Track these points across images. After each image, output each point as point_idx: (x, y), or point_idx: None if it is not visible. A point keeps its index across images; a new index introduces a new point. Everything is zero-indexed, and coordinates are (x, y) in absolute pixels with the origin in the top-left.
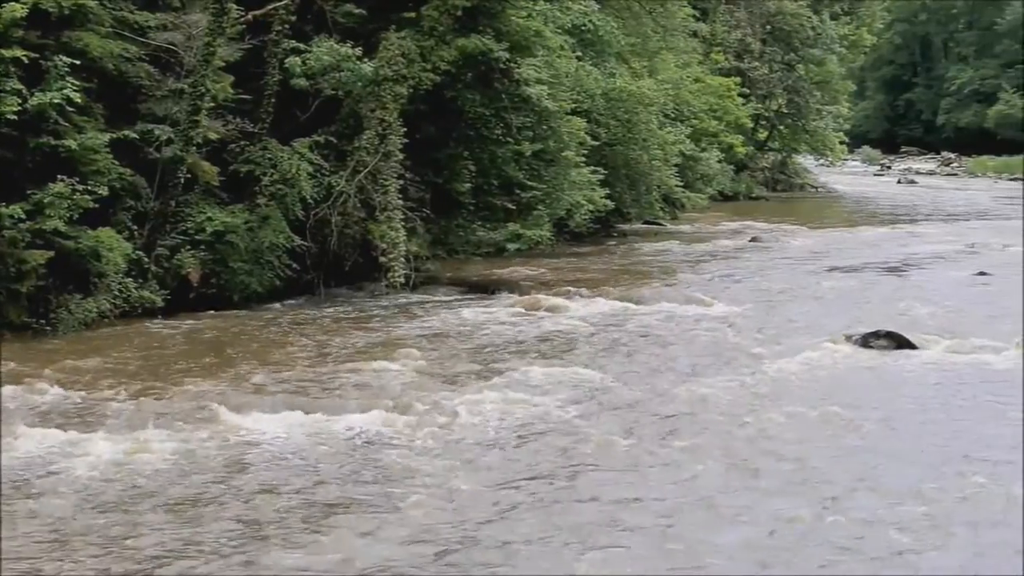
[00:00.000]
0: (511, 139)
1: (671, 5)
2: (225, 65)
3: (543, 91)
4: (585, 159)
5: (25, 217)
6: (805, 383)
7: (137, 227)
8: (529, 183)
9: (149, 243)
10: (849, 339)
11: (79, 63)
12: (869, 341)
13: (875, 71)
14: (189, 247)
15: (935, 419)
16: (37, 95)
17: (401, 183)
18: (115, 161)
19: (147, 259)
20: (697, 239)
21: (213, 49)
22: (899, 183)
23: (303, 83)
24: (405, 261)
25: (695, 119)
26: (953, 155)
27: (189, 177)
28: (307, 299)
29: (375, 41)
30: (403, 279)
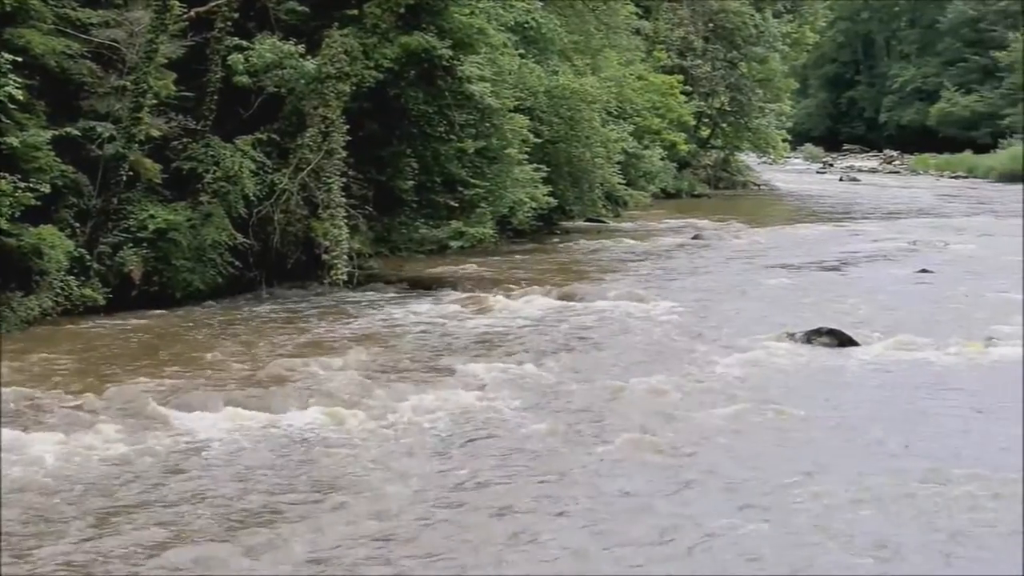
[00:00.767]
0: (454, 137)
1: (614, 3)
2: (168, 62)
3: (486, 88)
4: (528, 157)
5: None
6: (746, 380)
7: (79, 225)
8: (472, 181)
9: (91, 241)
10: (791, 337)
11: (21, 60)
12: (811, 339)
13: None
14: (131, 245)
15: (876, 416)
16: None
17: (344, 181)
18: (57, 158)
19: (89, 257)
20: (639, 236)
21: (156, 46)
22: (841, 181)
23: (246, 80)
24: (348, 259)
25: (638, 117)
26: (895, 153)
27: (131, 174)
28: (249, 297)
29: (318, 39)
30: (345, 277)
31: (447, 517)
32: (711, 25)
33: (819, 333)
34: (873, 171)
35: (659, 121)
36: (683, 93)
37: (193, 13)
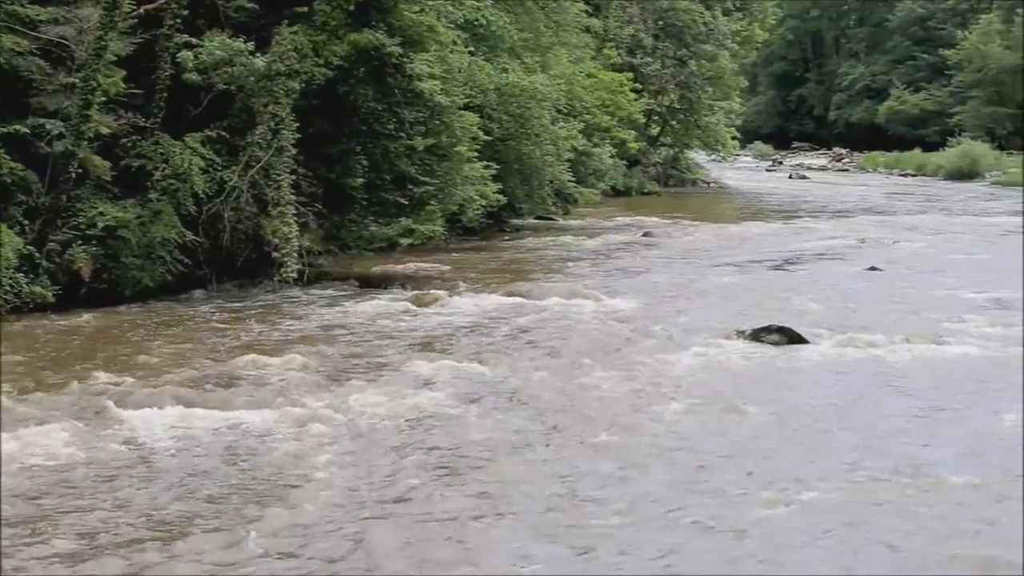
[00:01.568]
0: (404, 134)
1: (563, 1)
2: (117, 59)
3: (436, 86)
4: (478, 154)
5: None
6: (695, 378)
7: (28, 222)
8: (422, 178)
9: (40, 238)
10: (740, 334)
11: None
12: (760, 336)
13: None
14: (81, 242)
15: (826, 413)
16: None
17: (294, 178)
18: (6, 155)
19: (38, 254)
20: (589, 234)
21: (105, 43)
22: (791, 178)
23: (195, 78)
24: (298, 256)
25: (587, 114)
26: (844, 151)
27: (80, 172)
28: (199, 294)
29: (268, 36)
30: (295, 274)
31: (388, 514)
32: (661, 23)
33: (768, 331)
34: (823, 169)
35: (609, 119)
36: (633, 91)
37: (142, 10)
